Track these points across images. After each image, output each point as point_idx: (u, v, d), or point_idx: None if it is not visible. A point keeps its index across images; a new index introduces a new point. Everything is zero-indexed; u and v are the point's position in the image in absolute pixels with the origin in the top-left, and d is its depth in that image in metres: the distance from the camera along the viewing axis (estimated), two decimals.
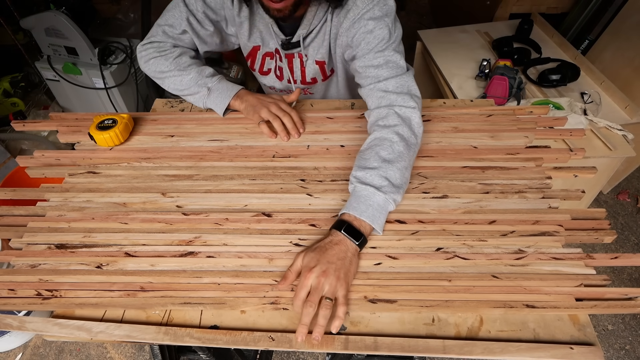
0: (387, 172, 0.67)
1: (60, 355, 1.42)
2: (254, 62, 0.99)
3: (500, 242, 0.66)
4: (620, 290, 0.60)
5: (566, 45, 1.72)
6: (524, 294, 0.59)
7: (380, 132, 0.73)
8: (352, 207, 0.65)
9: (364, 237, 0.63)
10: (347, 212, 0.65)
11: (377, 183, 0.66)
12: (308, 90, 1.04)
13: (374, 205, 0.65)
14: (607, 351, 1.41)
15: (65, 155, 0.84)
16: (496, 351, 0.55)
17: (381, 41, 0.78)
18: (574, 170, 0.77)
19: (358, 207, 0.65)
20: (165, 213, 0.72)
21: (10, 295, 0.63)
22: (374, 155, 0.69)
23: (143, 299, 0.62)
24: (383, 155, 0.69)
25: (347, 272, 0.59)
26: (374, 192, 0.66)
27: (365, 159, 0.70)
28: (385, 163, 0.68)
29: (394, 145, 0.70)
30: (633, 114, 1.41)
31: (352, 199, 0.67)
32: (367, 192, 0.66)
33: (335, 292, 0.58)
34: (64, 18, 1.69)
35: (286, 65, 0.96)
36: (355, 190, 0.68)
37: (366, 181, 0.67)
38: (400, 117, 0.73)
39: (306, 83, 0.99)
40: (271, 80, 1.02)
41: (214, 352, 0.83)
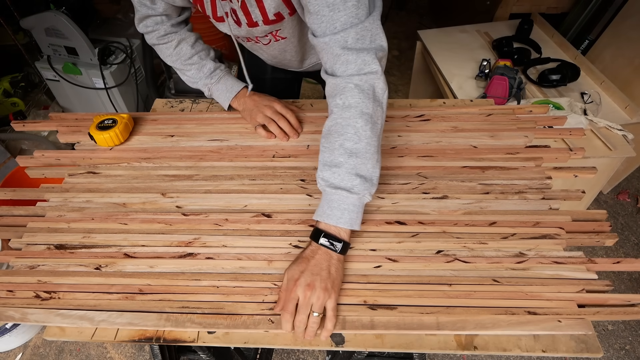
0: (356, 167, 0.59)
1: (60, 355, 1.42)
2: (203, 7, 0.78)
3: (500, 244, 0.65)
4: (622, 296, 0.58)
5: (566, 45, 1.70)
6: (526, 300, 0.58)
7: (341, 116, 0.61)
8: (326, 214, 0.60)
9: (344, 243, 0.59)
10: (321, 221, 0.60)
11: (348, 185, 0.59)
12: (278, 34, 0.82)
13: (349, 208, 0.59)
14: (607, 351, 1.40)
15: (65, 155, 0.83)
16: (488, 326, 0.55)
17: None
18: (574, 170, 0.76)
19: (332, 214, 0.59)
20: (165, 213, 0.71)
21: (9, 297, 0.62)
22: (339, 148, 0.60)
23: (141, 302, 0.60)
24: (348, 147, 0.59)
25: (333, 281, 0.56)
26: (346, 195, 0.59)
27: (330, 150, 0.61)
28: (353, 157, 0.59)
29: (359, 132, 0.59)
30: (633, 114, 1.40)
31: (325, 203, 0.61)
32: (338, 197, 0.59)
33: (323, 304, 0.55)
34: (64, 18, 1.67)
35: (239, 5, 0.73)
36: (325, 194, 0.61)
37: (336, 184, 0.59)
38: (362, 90, 0.60)
39: (270, 22, 0.75)
40: (229, 28, 0.80)
41: (214, 352, 0.82)
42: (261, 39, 0.84)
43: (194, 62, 0.88)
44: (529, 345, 0.56)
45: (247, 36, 0.84)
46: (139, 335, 0.59)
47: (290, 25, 0.78)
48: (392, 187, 0.74)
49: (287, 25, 0.78)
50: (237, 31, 0.81)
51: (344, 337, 0.58)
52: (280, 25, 0.77)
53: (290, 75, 1.09)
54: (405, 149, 0.81)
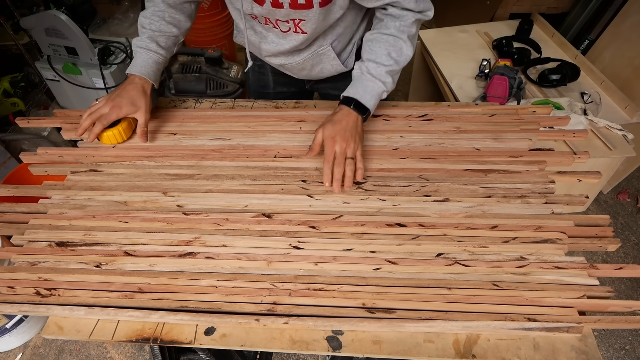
0: (392, 72, 0.76)
1: (60, 355, 1.41)
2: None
3: (501, 248, 0.63)
4: (624, 303, 0.57)
5: (566, 45, 1.69)
6: (526, 306, 0.56)
7: (396, 34, 0.75)
8: (359, 94, 0.74)
9: (368, 112, 0.75)
10: (354, 97, 0.74)
11: (384, 79, 0.75)
12: (299, 25, 0.77)
13: (376, 96, 0.76)
14: (607, 351, 1.38)
15: (69, 153, 0.81)
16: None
17: None
18: (578, 174, 0.74)
19: (365, 95, 0.75)
20: (166, 212, 0.70)
21: (10, 293, 0.61)
22: (386, 54, 0.75)
23: (140, 300, 0.59)
24: (394, 57, 0.75)
25: (360, 136, 0.74)
26: (380, 86, 0.75)
27: (376, 53, 0.75)
28: (395, 64, 0.76)
29: (404, 50, 0.76)
30: (633, 114, 1.37)
31: (359, 86, 0.75)
32: (374, 85, 0.75)
33: (355, 152, 0.72)
34: (64, 18, 1.65)
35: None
36: (363, 79, 0.75)
37: (375, 75, 0.75)
38: (416, 24, 0.76)
39: (298, 6, 0.71)
40: (247, 5, 0.75)
41: (214, 352, 0.82)
42: (280, 24, 0.77)
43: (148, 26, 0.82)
44: (529, 354, 0.54)
45: (266, 16, 0.76)
46: (136, 335, 0.58)
47: (315, 20, 0.75)
48: (394, 189, 0.72)
49: (312, 18, 0.74)
50: (256, 9, 0.75)
51: (341, 342, 0.56)
52: (305, 15, 0.74)
53: (294, 88, 1.05)
54: (408, 151, 0.79)
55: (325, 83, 1.00)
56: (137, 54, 0.81)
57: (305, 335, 0.57)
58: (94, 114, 0.77)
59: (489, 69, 1.54)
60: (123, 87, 0.79)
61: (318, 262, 0.63)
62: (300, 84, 1.03)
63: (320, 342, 0.56)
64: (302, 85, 1.04)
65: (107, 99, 0.78)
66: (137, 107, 0.79)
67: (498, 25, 1.91)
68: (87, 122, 0.77)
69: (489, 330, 0.56)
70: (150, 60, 0.81)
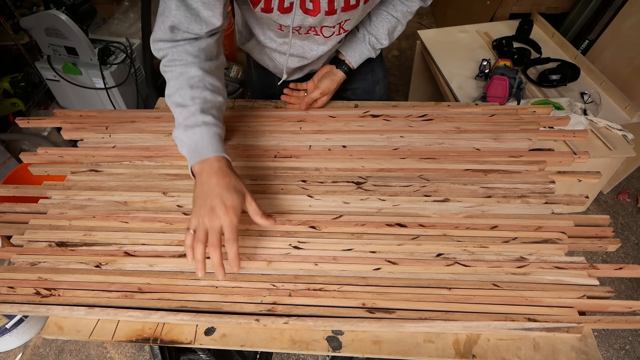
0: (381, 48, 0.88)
1: (60, 355, 1.41)
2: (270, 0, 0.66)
3: (501, 248, 0.63)
4: (624, 303, 0.56)
5: (566, 45, 1.68)
6: (526, 306, 0.56)
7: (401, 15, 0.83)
8: (355, 60, 0.87)
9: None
10: (350, 63, 0.87)
11: (375, 52, 0.88)
12: (343, 25, 0.74)
13: (364, 59, 0.88)
14: (607, 351, 1.38)
15: (69, 153, 0.81)
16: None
17: None
18: (578, 174, 0.73)
19: (359, 61, 0.87)
20: (166, 212, 0.70)
21: (9, 293, 0.61)
22: (386, 34, 0.84)
23: (140, 300, 0.59)
24: (390, 37, 0.86)
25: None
26: (369, 55, 0.88)
27: (379, 30, 0.84)
28: (387, 43, 0.86)
29: (396, 32, 0.86)
30: (633, 114, 1.37)
31: (356, 51, 0.86)
32: (368, 54, 0.87)
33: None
34: (64, 18, 1.64)
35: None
36: (362, 47, 0.86)
37: (373, 48, 0.86)
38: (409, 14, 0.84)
39: (349, 7, 0.68)
40: (297, 18, 0.68)
41: (214, 352, 0.82)
42: (325, 30, 0.74)
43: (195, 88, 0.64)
44: (529, 355, 0.54)
45: (314, 25, 0.72)
46: (136, 335, 0.58)
47: (358, 17, 0.75)
48: (393, 189, 0.72)
49: (355, 16, 0.73)
50: (307, 20, 0.69)
51: (341, 342, 0.56)
52: (351, 14, 0.72)
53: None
54: (408, 151, 0.79)
55: None
56: (193, 134, 0.61)
57: (305, 335, 0.57)
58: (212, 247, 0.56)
59: (489, 69, 1.54)
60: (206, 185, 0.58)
61: (318, 262, 0.63)
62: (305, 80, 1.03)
63: (320, 342, 0.56)
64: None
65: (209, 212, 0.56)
66: (242, 193, 0.59)
67: (498, 25, 1.91)
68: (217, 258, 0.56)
69: (489, 330, 0.56)
70: (215, 136, 0.62)
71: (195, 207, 0.57)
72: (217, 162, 0.60)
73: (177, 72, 0.64)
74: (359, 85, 1.00)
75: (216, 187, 0.57)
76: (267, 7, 0.68)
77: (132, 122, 0.87)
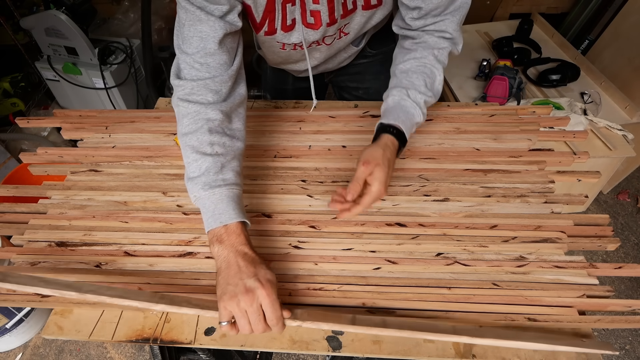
0: (427, 104, 0.70)
1: (60, 355, 1.41)
2: (273, 21, 0.67)
3: (501, 248, 0.63)
4: (623, 302, 0.56)
5: (566, 45, 1.68)
6: (525, 306, 0.56)
7: (434, 60, 0.69)
8: (402, 121, 0.66)
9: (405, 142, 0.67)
10: (394, 123, 0.65)
11: (422, 109, 0.68)
12: (343, 29, 0.73)
13: (413, 125, 0.68)
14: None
15: (68, 153, 0.81)
16: (509, 336, 0.51)
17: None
18: (578, 174, 0.74)
19: (405, 123, 0.66)
20: (166, 212, 0.70)
21: (10, 292, 0.61)
22: (424, 85, 0.68)
23: None
24: (430, 87, 0.69)
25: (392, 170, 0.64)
26: (419, 115, 0.67)
27: (414, 83, 0.68)
28: (432, 97, 0.69)
29: (436, 82, 0.70)
30: (633, 114, 1.37)
31: (402, 113, 0.66)
32: (414, 112, 0.67)
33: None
34: (64, 18, 1.64)
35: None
36: (404, 104, 0.67)
37: (417, 102, 0.67)
38: (443, 61, 0.70)
39: (347, 13, 0.68)
40: (297, 35, 0.70)
41: (214, 352, 0.82)
42: (327, 38, 0.74)
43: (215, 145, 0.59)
44: (529, 355, 0.54)
45: (317, 39, 0.73)
46: (136, 335, 0.58)
47: (358, 21, 0.73)
48: (393, 189, 0.72)
49: (354, 19, 0.72)
50: (311, 35, 0.71)
51: (341, 342, 0.56)
52: (350, 18, 0.71)
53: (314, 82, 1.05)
54: (408, 151, 0.78)
55: (342, 76, 0.99)
56: (212, 195, 0.57)
57: (305, 335, 0.57)
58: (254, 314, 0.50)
59: (489, 69, 1.54)
60: (235, 262, 0.53)
61: (318, 262, 0.63)
62: (319, 77, 1.02)
63: (320, 342, 0.56)
64: (320, 79, 1.02)
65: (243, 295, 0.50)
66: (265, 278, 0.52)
67: (498, 25, 1.91)
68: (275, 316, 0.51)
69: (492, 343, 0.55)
70: (235, 199, 0.58)
71: (224, 294, 0.50)
72: (239, 235, 0.55)
73: (194, 110, 0.60)
74: (371, 85, 0.99)
75: (247, 268, 0.52)
76: (271, 30, 0.68)
77: (132, 122, 0.88)
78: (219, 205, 0.57)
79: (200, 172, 0.58)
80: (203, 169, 0.58)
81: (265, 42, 0.75)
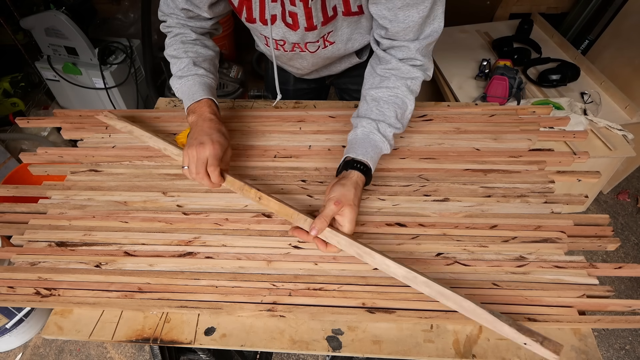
0: (396, 136, 0.70)
1: (60, 355, 1.41)
2: (250, 9, 0.71)
3: (501, 248, 0.63)
4: (623, 302, 0.56)
5: (566, 45, 1.69)
6: (526, 306, 0.56)
7: (406, 91, 0.68)
8: (370, 157, 0.66)
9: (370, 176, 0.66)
10: (364, 159, 0.65)
11: (391, 142, 0.69)
12: (327, 38, 0.75)
13: (379, 156, 0.68)
14: (607, 351, 1.38)
15: (68, 153, 0.81)
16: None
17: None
18: (578, 174, 0.73)
19: (374, 158, 0.67)
20: (166, 212, 0.70)
21: (9, 292, 0.61)
22: (394, 117, 0.68)
23: (140, 300, 0.59)
24: (400, 120, 0.69)
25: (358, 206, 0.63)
26: (386, 148, 0.68)
27: (385, 114, 0.68)
28: (401, 127, 0.70)
29: (407, 112, 0.70)
30: (633, 114, 1.37)
31: (370, 148, 0.66)
32: (382, 146, 0.67)
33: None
34: (64, 18, 1.65)
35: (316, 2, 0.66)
36: (373, 137, 0.67)
37: (387, 136, 0.67)
38: (415, 91, 0.70)
39: (329, 20, 0.69)
40: (279, 30, 0.72)
41: (214, 352, 0.82)
42: (310, 45, 0.77)
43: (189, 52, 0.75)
44: (529, 354, 0.54)
45: (297, 42, 0.75)
46: (136, 335, 0.58)
47: (340, 27, 0.74)
48: (393, 189, 0.72)
49: (338, 28, 0.74)
50: (290, 36, 0.73)
51: (341, 342, 0.56)
52: (332, 25, 0.73)
53: (314, 84, 1.04)
54: (407, 151, 0.79)
55: (343, 78, 0.99)
56: (186, 81, 0.73)
57: (305, 335, 0.57)
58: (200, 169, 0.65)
59: (489, 69, 1.54)
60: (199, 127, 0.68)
61: (318, 262, 0.63)
62: (321, 80, 1.03)
63: (320, 342, 0.56)
64: (322, 81, 1.04)
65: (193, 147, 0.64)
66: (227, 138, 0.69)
67: (498, 25, 1.91)
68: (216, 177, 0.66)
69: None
70: (206, 85, 0.73)
71: (187, 145, 0.67)
72: (207, 107, 0.71)
73: (174, 33, 0.76)
74: None
75: (207, 129, 0.67)
76: (249, 17, 0.73)
77: (131, 122, 0.87)
78: (192, 88, 0.72)
79: (179, 69, 0.74)
80: (181, 66, 0.74)
81: (252, 31, 0.81)
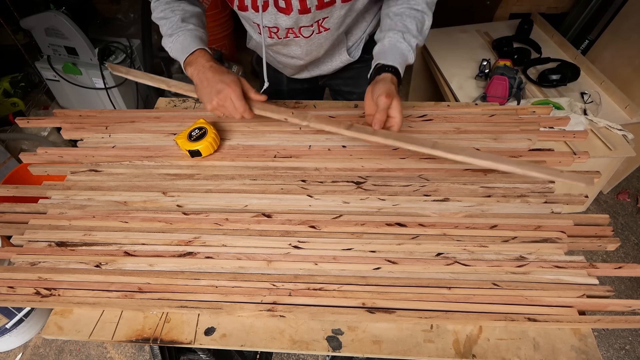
0: (418, 47, 0.76)
1: (60, 355, 1.41)
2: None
3: (501, 248, 0.63)
4: (623, 302, 0.57)
5: (566, 45, 1.69)
6: (525, 306, 0.56)
7: (425, 6, 0.75)
8: (399, 63, 0.72)
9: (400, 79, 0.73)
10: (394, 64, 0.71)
11: (414, 51, 0.74)
12: (321, 23, 0.76)
13: (405, 65, 0.74)
14: (607, 351, 1.38)
15: (68, 153, 0.81)
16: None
17: None
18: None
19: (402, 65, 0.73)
20: (166, 212, 0.70)
21: (9, 292, 0.61)
22: (417, 29, 0.74)
23: (140, 300, 0.60)
24: (421, 31, 0.75)
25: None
26: (412, 57, 0.74)
27: (408, 27, 0.74)
28: (422, 40, 0.76)
29: (425, 24, 0.76)
30: (633, 114, 1.37)
31: (398, 55, 0.72)
32: (409, 55, 0.73)
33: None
34: (64, 18, 1.65)
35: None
36: (400, 46, 0.73)
37: (412, 46, 0.73)
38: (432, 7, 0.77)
39: (324, 5, 0.71)
40: (270, 17, 0.74)
41: (214, 352, 0.82)
42: (304, 30, 0.77)
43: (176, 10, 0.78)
44: (529, 354, 0.54)
45: (291, 27, 0.76)
46: (136, 335, 0.58)
47: (338, 15, 0.76)
48: (393, 189, 0.72)
49: (334, 14, 0.76)
50: (282, 21, 0.74)
51: (341, 342, 0.56)
52: (329, 12, 0.75)
53: (307, 85, 1.05)
54: (407, 151, 0.78)
55: (336, 79, 1.00)
56: (177, 38, 0.76)
57: (305, 335, 0.57)
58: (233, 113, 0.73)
59: (489, 69, 1.54)
60: (204, 80, 0.73)
61: (318, 262, 0.63)
62: (314, 80, 1.03)
63: (320, 342, 0.56)
64: (314, 82, 1.04)
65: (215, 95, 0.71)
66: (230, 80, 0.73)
67: (498, 25, 1.91)
68: (241, 107, 0.72)
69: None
70: (196, 37, 0.77)
71: (204, 99, 0.73)
72: (203, 57, 0.75)
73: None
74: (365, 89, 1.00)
75: (214, 77, 0.72)
76: (241, 5, 0.74)
77: (131, 122, 0.88)
78: (184, 42, 0.76)
79: (169, 27, 0.77)
80: (171, 25, 0.77)
81: (244, 20, 0.83)
